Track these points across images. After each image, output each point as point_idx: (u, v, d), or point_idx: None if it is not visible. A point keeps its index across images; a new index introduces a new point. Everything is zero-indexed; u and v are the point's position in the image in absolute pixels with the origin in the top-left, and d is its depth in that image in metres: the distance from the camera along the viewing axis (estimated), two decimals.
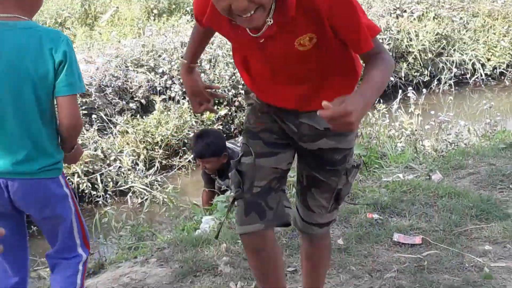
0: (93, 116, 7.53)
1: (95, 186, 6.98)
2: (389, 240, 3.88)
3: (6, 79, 2.72)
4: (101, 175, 7.05)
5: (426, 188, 4.64)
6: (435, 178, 4.98)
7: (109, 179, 7.09)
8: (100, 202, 6.92)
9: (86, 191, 6.92)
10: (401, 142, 6.82)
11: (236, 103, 8.53)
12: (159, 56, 8.60)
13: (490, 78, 10.80)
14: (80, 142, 7.03)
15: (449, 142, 6.58)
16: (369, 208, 4.33)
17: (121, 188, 7.11)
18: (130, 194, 7.07)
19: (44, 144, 2.87)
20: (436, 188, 4.63)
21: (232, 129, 8.49)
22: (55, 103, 2.88)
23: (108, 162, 7.22)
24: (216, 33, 2.67)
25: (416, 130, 7.01)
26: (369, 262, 3.64)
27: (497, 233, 3.89)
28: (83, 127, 7.31)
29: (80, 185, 6.88)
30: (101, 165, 7.14)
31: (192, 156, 7.00)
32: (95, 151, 7.18)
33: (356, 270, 3.56)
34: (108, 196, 7.01)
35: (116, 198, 7.03)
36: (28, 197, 2.90)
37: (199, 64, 5.31)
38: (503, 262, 3.59)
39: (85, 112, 7.53)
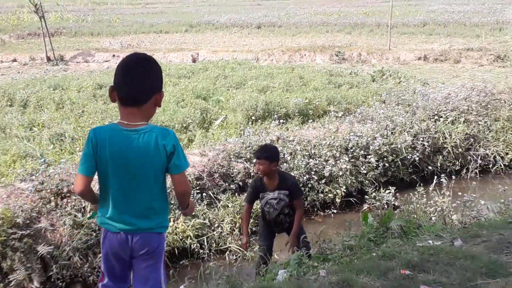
0: (204, 194, 7.73)
1: (202, 246, 7.12)
2: None
3: (136, 167, 3.07)
4: (207, 237, 7.20)
5: (449, 252, 4.55)
6: (457, 244, 4.87)
7: (213, 241, 7.23)
8: (206, 258, 7.05)
9: (196, 250, 7.06)
10: (434, 216, 6.71)
11: (309, 185, 8.58)
12: (254, 150, 8.78)
13: (508, 168, 10.50)
14: (194, 213, 7.28)
15: (472, 216, 6.43)
16: (403, 266, 4.29)
17: (221, 248, 7.23)
18: (227, 252, 7.17)
19: (160, 208, 3.23)
20: (457, 251, 4.53)
21: (306, 205, 8.50)
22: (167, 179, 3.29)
23: (213, 228, 7.37)
24: None
25: (446, 207, 6.88)
26: None
27: (501, 287, 3.78)
28: (197, 202, 7.53)
29: (192, 245, 7.03)
30: (207, 230, 7.29)
31: None
32: (204, 220, 7.34)
33: None
34: (211, 254, 7.14)
35: (217, 256, 7.14)
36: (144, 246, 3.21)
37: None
38: None
39: (198, 191, 7.73)
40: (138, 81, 3.04)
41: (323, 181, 8.70)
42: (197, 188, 7.78)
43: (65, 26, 34.43)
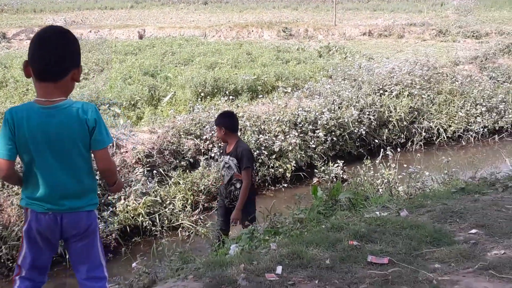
0: (154, 171, 7.67)
1: (154, 223, 7.08)
2: (364, 260, 3.89)
3: (59, 144, 2.91)
4: (159, 215, 7.16)
5: (395, 222, 4.65)
6: (402, 215, 4.99)
7: (165, 218, 7.19)
8: (158, 235, 7.01)
9: (148, 227, 7.01)
10: (381, 188, 6.85)
11: (260, 160, 8.62)
12: (204, 126, 8.75)
13: (451, 140, 10.81)
14: (144, 191, 7.21)
15: (417, 187, 6.59)
16: (351, 237, 4.37)
17: (173, 225, 7.21)
18: (180, 229, 7.15)
19: (88, 185, 3.06)
20: (402, 222, 4.64)
21: (256, 180, 8.55)
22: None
23: (164, 205, 7.33)
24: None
25: (393, 179, 7.03)
26: (349, 277, 3.66)
27: (445, 255, 3.89)
28: (147, 180, 7.46)
29: (143, 223, 6.98)
30: (159, 208, 7.25)
31: None
32: (155, 197, 7.29)
33: (338, 283, 3.58)
34: (164, 230, 7.11)
35: (170, 232, 7.11)
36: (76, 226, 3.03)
37: None
38: (447, 276, 3.59)
39: (148, 168, 7.67)
40: (54, 54, 2.85)
41: (273, 156, 8.76)
42: (147, 165, 7.70)
43: (7, 3, 33.21)
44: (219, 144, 8.08)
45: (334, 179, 8.28)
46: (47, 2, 34.00)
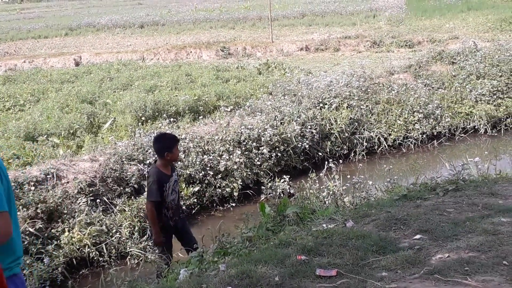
0: (98, 200, 7.52)
1: (102, 253, 6.93)
2: (313, 274, 3.93)
3: None
4: (106, 244, 7.01)
5: (341, 233, 4.72)
6: (348, 225, 5.06)
7: (112, 247, 7.06)
8: (106, 266, 6.87)
9: (95, 258, 6.87)
10: (327, 200, 6.93)
11: (206, 181, 8.59)
12: (146, 151, 8.65)
13: (392, 148, 11.06)
14: (89, 221, 7.05)
15: (362, 197, 6.69)
16: (299, 251, 4.40)
17: (121, 253, 7.08)
18: (129, 257, 7.03)
19: None
20: (348, 232, 4.71)
21: (204, 201, 8.51)
22: None
23: (111, 234, 7.19)
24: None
25: (338, 191, 7.13)
26: None
27: (391, 263, 3.97)
28: (91, 209, 7.30)
29: (90, 253, 6.83)
30: (105, 237, 7.10)
31: None
32: (101, 226, 7.14)
33: None
34: (112, 260, 6.96)
35: (118, 261, 6.98)
36: None
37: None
38: (395, 283, 3.66)
39: (92, 198, 7.52)
40: None
41: (219, 176, 8.74)
42: (91, 195, 7.55)
43: None
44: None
45: (281, 195, 8.32)
46: None
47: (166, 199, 5.69)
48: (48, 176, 7.52)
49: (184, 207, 5.96)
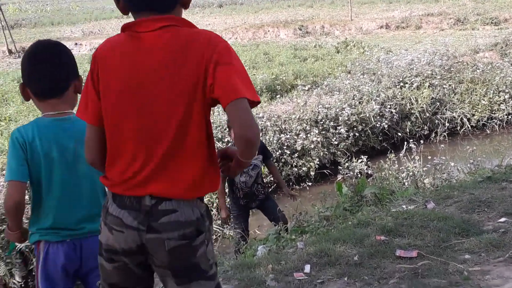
0: None
1: None
2: (393, 255, 3.88)
3: (75, 161, 2.65)
4: None
5: (422, 215, 4.62)
6: (429, 207, 4.95)
7: None
8: None
9: None
10: (407, 181, 6.80)
11: (283, 160, 8.61)
12: (225, 129, 8.74)
13: (475, 129, 10.70)
14: None
15: (443, 179, 6.53)
16: (378, 232, 4.35)
17: None
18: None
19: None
20: (429, 214, 4.61)
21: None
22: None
23: None
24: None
25: (418, 172, 6.98)
26: (378, 272, 3.65)
27: (474, 245, 3.86)
28: None
29: None
30: None
31: None
32: None
33: (368, 279, 3.58)
34: None
35: None
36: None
37: None
38: (478, 266, 3.57)
39: None
40: (51, 68, 2.64)
41: (296, 155, 8.75)
42: None
43: (25, 18, 33.62)
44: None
45: (359, 175, 8.23)
46: (64, 15, 34.41)
47: (234, 179, 5.65)
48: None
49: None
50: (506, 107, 10.79)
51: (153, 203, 1.93)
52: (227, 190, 5.92)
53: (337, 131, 9.24)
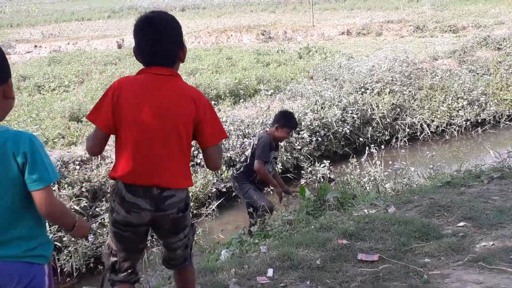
0: None
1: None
2: (355, 258, 3.92)
3: None
4: None
5: (383, 219, 4.69)
6: (390, 211, 5.02)
7: None
8: (149, 245, 6.97)
9: None
10: (368, 186, 6.88)
11: None
12: None
13: (435, 135, 10.91)
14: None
15: (403, 184, 6.64)
16: (341, 236, 4.40)
17: None
18: None
19: (28, 229, 2.38)
20: (390, 218, 4.67)
21: None
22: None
23: None
24: None
25: (379, 176, 7.07)
26: (340, 276, 3.68)
27: (434, 249, 3.93)
28: None
29: None
30: None
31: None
32: None
33: (330, 282, 3.61)
34: (154, 239, 7.05)
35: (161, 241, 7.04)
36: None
37: None
38: (438, 270, 3.63)
39: None
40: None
41: None
42: None
43: None
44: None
45: (321, 179, 8.30)
46: (23, 17, 33.80)
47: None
48: (92, 156, 7.67)
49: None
50: (464, 113, 11.04)
51: (159, 192, 2.81)
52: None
53: (300, 135, 9.29)
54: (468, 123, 11.06)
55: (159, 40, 2.88)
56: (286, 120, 6.11)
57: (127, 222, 2.86)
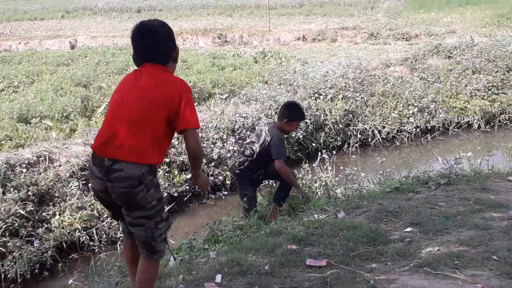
0: (90, 184, 7.47)
1: (92, 238, 6.91)
2: (303, 264, 3.94)
3: None
4: (96, 229, 6.99)
5: (332, 224, 4.73)
6: (340, 216, 5.07)
7: (103, 232, 7.03)
8: (96, 250, 6.85)
9: (85, 242, 6.84)
10: (320, 191, 6.93)
11: None
12: None
13: (385, 141, 11.07)
14: (80, 205, 7.03)
15: (354, 189, 6.71)
16: (290, 241, 4.41)
17: (112, 238, 7.06)
18: (119, 242, 7.01)
19: None
20: (340, 223, 4.72)
21: (196, 188, 8.46)
22: None
23: (102, 219, 7.15)
24: None
25: (330, 182, 7.12)
26: (288, 281, 3.69)
27: (381, 255, 3.99)
28: (83, 194, 7.27)
29: (80, 238, 6.81)
30: (96, 222, 7.07)
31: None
32: (92, 211, 7.11)
33: None
34: (102, 245, 6.95)
35: (109, 247, 6.95)
36: None
37: None
38: (384, 275, 3.68)
39: (84, 182, 7.45)
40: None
41: (212, 164, 8.73)
42: (82, 179, 7.51)
43: None
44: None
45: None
46: None
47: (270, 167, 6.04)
48: (40, 159, 7.49)
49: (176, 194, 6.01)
50: (414, 120, 11.24)
51: (110, 164, 3.08)
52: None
53: None
54: (418, 130, 11.26)
55: (151, 42, 3.30)
56: (296, 112, 6.11)
57: (92, 187, 3.33)
